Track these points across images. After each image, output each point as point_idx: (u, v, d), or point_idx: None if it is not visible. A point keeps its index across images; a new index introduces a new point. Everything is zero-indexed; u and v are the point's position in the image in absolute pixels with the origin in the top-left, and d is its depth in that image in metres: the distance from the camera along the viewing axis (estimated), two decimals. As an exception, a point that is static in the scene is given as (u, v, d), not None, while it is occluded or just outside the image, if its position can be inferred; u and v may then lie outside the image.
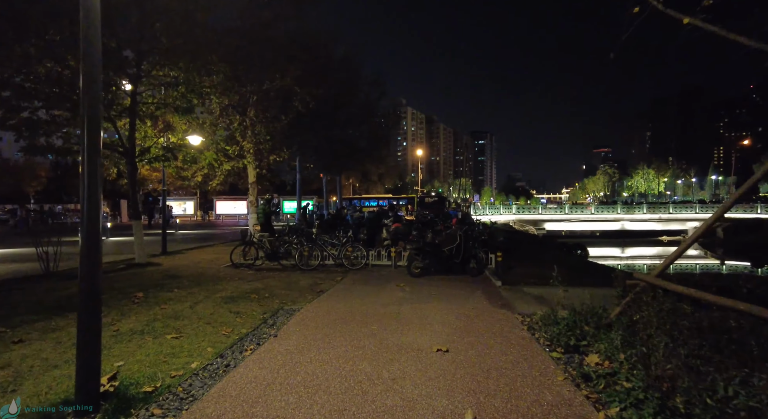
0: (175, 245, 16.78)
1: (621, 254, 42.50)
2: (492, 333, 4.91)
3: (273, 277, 9.39)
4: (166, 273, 9.42)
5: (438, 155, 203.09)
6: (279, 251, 11.37)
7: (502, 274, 10.32)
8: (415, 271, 9.82)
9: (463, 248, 9.99)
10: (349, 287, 8.09)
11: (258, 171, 17.02)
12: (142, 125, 11.43)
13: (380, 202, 45.11)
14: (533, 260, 14.06)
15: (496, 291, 8.17)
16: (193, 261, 11.94)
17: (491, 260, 11.25)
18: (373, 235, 14.11)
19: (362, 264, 11.09)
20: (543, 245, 22.07)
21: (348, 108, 26.91)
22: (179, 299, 6.55)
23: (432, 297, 7.12)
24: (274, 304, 6.42)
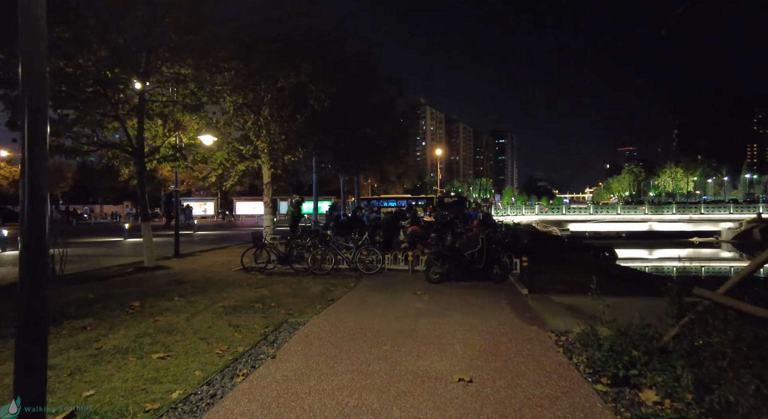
0: (190, 247, 16.54)
1: (649, 256, 40.84)
2: (522, 356, 4.24)
3: (283, 282, 8.89)
4: (172, 278, 9.01)
5: (457, 154, 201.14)
6: (291, 254, 10.88)
7: (528, 280, 9.59)
8: (433, 277, 9.18)
9: (485, 253, 9.29)
10: (362, 296, 7.51)
11: (273, 171, 16.62)
12: (152, 124, 11.10)
13: (399, 202, 44.50)
14: (560, 264, 13.23)
15: (523, 301, 7.47)
16: (203, 265, 11.56)
17: (516, 265, 10.54)
18: (389, 237, 13.52)
19: (378, 269, 10.50)
20: (569, 248, 21.10)
21: (365, 107, 26.38)
22: (178, 309, 6.08)
23: (452, 309, 6.47)
24: (278, 316, 5.88)
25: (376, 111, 27.57)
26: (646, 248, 43.90)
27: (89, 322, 5.24)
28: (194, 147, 11.02)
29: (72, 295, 6.93)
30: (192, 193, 56.30)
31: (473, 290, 8.29)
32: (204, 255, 14.06)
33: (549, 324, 5.67)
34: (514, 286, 8.99)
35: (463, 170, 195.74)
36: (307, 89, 15.63)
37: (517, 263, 10.52)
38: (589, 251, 21.78)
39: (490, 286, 8.82)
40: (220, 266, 11.36)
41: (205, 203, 54.15)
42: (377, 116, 27.80)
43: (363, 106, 25.45)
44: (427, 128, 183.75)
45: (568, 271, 11.71)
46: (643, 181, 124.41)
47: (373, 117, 27.48)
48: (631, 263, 30.84)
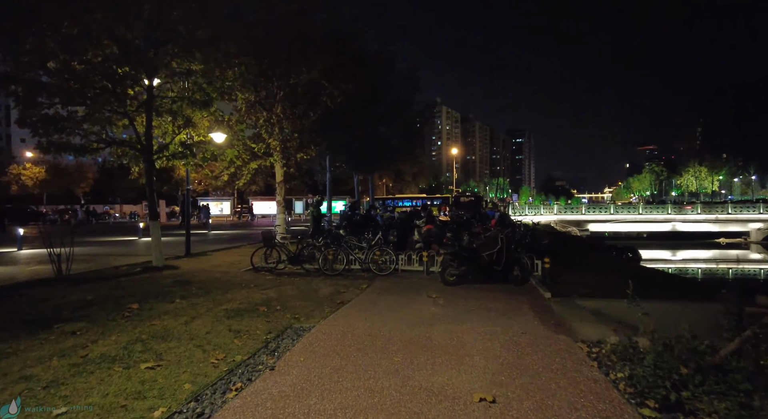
0: (203, 246, 16.35)
1: (673, 257, 39.50)
2: (551, 371, 3.75)
3: (292, 283, 8.52)
4: (177, 279, 8.72)
5: (474, 154, 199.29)
6: (302, 254, 10.52)
7: (551, 283, 9.05)
8: (449, 279, 8.70)
9: (505, 254, 8.76)
10: (374, 299, 7.08)
11: (285, 170, 16.33)
12: (162, 121, 10.86)
13: (414, 202, 43.98)
14: (582, 265, 12.59)
15: (546, 305, 6.95)
16: (213, 264, 11.29)
17: (537, 266, 9.99)
18: (403, 237, 13.05)
19: (391, 270, 10.06)
20: (590, 249, 20.34)
21: (380, 105, 25.98)
22: (177, 312, 5.74)
23: (470, 314, 5.99)
24: (283, 320, 5.49)
25: (391, 110, 27.16)
26: (669, 249, 42.51)
27: (81, 326, 4.93)
28: (203, 144, 10.73)
29: (72, 296, 6.67)
30: (209, 193, 56.58)
31: (492, 293, 7.79)
32: (215, 255, 13.82)
33: (578, 333, 5.15)
34: (535, 289, 8.46)
35: (480, 170, 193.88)
36: (320, 86, 15.30)
37: (538, 265, 9.98)
38: (612, 252, 20.97)
39: (509, 289, 8.30)
40: (229, 266, 11.07)
41: (221, 202, 54.37)
42: (392, 115, 27.38)
43: (378, 104, 25.07)
44: (442, 128, 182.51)
45: (592, 273, 11.09)
46: (665, 180, 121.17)
47: (388, 116, 27.08)
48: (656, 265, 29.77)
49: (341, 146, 23.57)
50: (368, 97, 22.80)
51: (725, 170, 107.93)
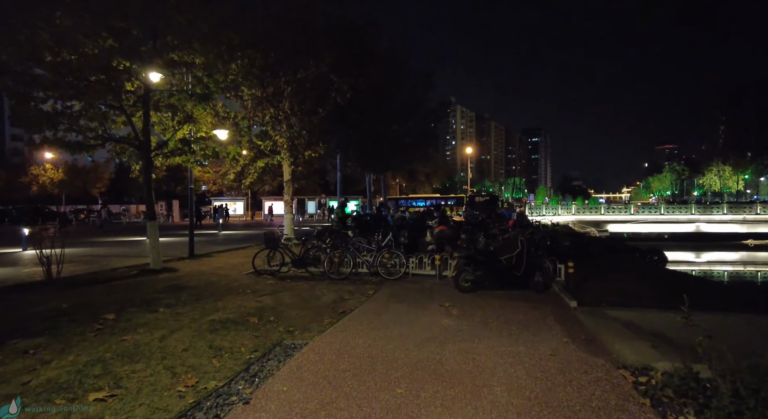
0: (210, 247, 15.88)
1: (697, 259, 37.95)
2: (591, 409, 3.00)
3: (293, 289, 7.88)
4: (171, 283, 8.16)
5: (488, 153, 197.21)
6: (307, 256, 9.89)
7: (575, 290, 8.25)
8: (464, 285, 7.96)
9: (525, 258, 7.99)
10: (380, 308, 6.39)
11: (293, 168, 15.77)
12: (162, 116, 10.35)
13: (428, 202, 43.15)
14: (607, 269, 11.68)
15: (573, 317, 6.18)
16: (214, 267, 10.74)
17: (559, 271, 9.19)
18: (415, 238, 12.33)
19: (401, 274, 9.37)
20: (612, 251, 19.33)
21: (392, 102, 25.29)
22: (157, 324, 5.13)
23: (488, 328, 5.26)
24: (274, 334, 4.84)
25: (403, 107, 26.44)
26: (692, 251, 40.87)
27: (40, 342, 4.35)
28: (203, 140, 10.18)
29: (49, 303, 6.13)
30: (224, 193, 56.48)
31: (511, 301, 7.04)
32: (220, 256, 13.31)
33: (615, 353, 4.39)
34: (559, 297, 7.68)
35: (495, 170, 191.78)
36: (328, 81, 14.68)
37: (560, 270, 9.18)
38: (635, 254, 19.92)
39: (530, 297, 7.54)
40: (231, 268, 10.51)
41: (235, 202, 54.27)
42: (405, 113, 26.65)
43: (390, 101, 24.38)
44: (457, 127, 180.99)
45: (619, 278, 10.22)
46: (687, 180, 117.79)
47: (401, 113, 26.35)
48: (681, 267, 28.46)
49: (352, 144, 22.97)
50: (380, 94, 22.16)
51: (751, 169, 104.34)
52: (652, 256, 20.01)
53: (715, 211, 44.76)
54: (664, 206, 48.54)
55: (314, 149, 15.38)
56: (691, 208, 45.90)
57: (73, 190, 59.11)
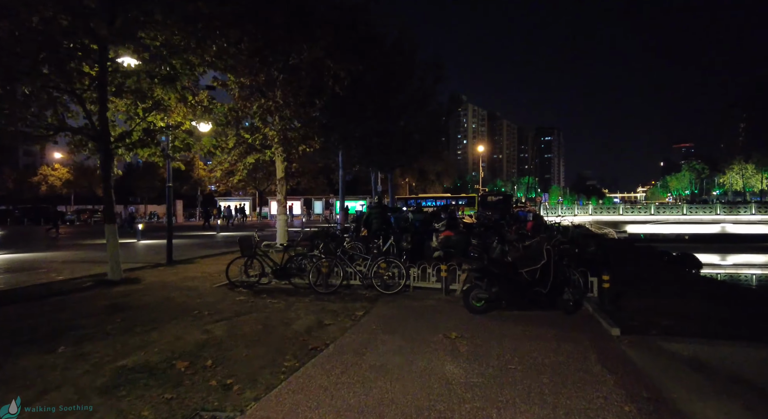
0: (198, 251, 14.56)
1: (723, 262, 35.73)
2: None
3: (262, 309, 6.41)
4: (116, 301, 6.75)
5: (500, 152, 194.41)
6: (290, 266, 8.42)
7: (613, 309, 6.69)
8: (476, 305, 6.42)
9: (553, 271, 6.42)
10: (365, 342, 4.89)
11: (286, 165, 14.34)
12: (127, 102, 8.96)
13: (438, 202, 41.43)
14: (643, 280, 10.01)
15: (621, 354, 4.64)
16: (186, 276, 9.35)
17: (591, 284, 7.60)
18: (420, 243, 10.79)
19: (400, 287, 7.84)
20: (639, 255, 17.56)
21: (399, 95, 23.74)
22: (33, 376, 3.61)
23: (510, 380, 3.74)
24: (199, 393, 3.34)
25: (411, 101, 24.87)
26: (718, 253, 38.57)
27: None
28: (170, 130, 8.75)
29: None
30: (231, 193, 55.41)
31: (537, 327, 5.51)
32: (202, 262, 11.94)
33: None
34: (594, 320, 6.13)
35: (507, 169, 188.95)
36: (324, 67, 13.20)
37: (592, 284, 7.59)
38: (665, 259, 18.12)
39: (559, 320, 6.01)
40: (204, 279, 9.10)
41: (240, 202, 53.21)
42: (413, 107, 25.08)
43: (396, 94, 22.84)
44: (468, 126, 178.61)
45: (660, 292, 8.58)
46: (706, 179, 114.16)
47: (408, 108, 24.79)
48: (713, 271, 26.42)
49: (355, 139, 21.45)
50: (385, 85, 20.65)
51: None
52: (683, 261, 18.17)
53: (742, 211, 42.34)
54: (687, 205, 46.21)
55: (309, 143, 13.91)
56: (716, 208, 43.54)
57: (79, 189, 58.77)
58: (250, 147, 14.28)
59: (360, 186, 55.25)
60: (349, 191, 53.94)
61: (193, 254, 13.62)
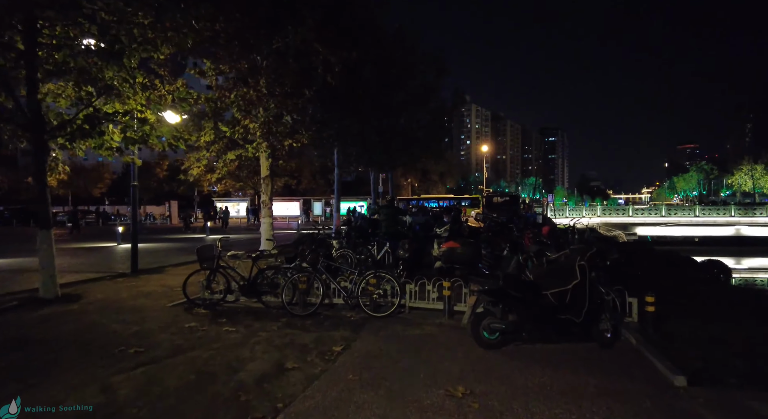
0: (174, 257, 13.12)
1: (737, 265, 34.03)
2: None
3: (209, 345, 4.94)
4: (24, 332, 5.30)
5: (504, 153, 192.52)
6: (260, 281, 6.97)
7: (659, 338, 5.25)
8: (488, 339, 4.95)
9: (588, 294, 4.93)
10: (337, 401, 3.44)
11: (271, 161, 12.89)
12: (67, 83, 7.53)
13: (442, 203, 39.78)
14: (677, 293, 8.45)
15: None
16: (141, 292, 7.91)
17: (629, 306, 6.13)
18: (419, 252, 9.32)
19: (393, 308, 6.37)
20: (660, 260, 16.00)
21: (399, 89, 22.26)
22: None
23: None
24: None
25: (412, 97, 23.40)
26: (733, 256, 36.82)
27: None
28: (116, 116, 7.24)
29: None
30: (231, 194, 53.99)
31: (571, 375, 4.04)
32: (172, 271, 10.53)
33: None
34: (642, 358, 4.69)
35: (511, 169, 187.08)
36: (313, 52, 11.77)
37: (630, 305, 6.12)
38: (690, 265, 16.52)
39: (597, 358, 4.58)
40: (162, 295, 7.67)
41: (237, 203, 51.81)
42: (414, 103, 23.60)
43: (396, 88, 21.38)
44: (471, 126, 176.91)
45: (704, 311, 7.04)
46: (714, 180, 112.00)
47: (410, 104, 23.32)
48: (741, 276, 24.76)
49: (353, 136, 19.97)
50: (384, 78, 19.20)
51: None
52: (711, 268, 16.55)
53: (758, 212, 40.60)
54: (699, 207, 44.49)
55: (297, 138, 12.47)
56: (730, 209, 41.83)
57: (75, 190, 57.56)
58: (232, 142, 12.86)
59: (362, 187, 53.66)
60: (351, 191, 52.48)
61: (166, 261, 12.20)
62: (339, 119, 17.31)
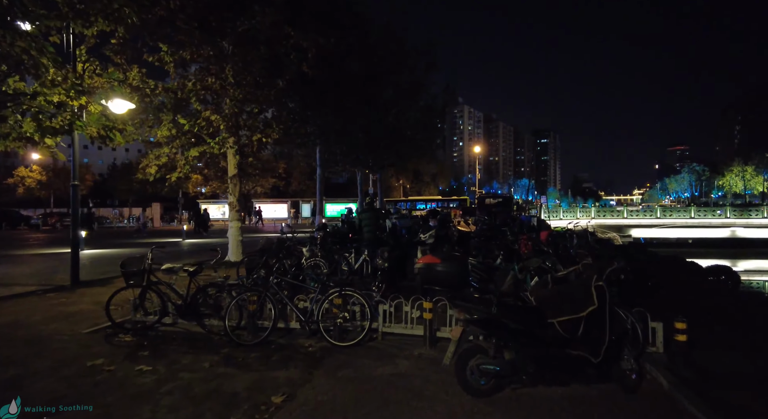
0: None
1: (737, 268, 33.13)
2: None
3: (101, 396, 3.68)
4: None
5: (497, 155, 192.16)
6: (202, 301, 5.70)
7: (694, 377, 4.09)
8: (479, 386, 3.74)
9: (608, 325, 3.72)
10: None
11: (239, 159, 11.61)
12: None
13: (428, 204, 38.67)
14: (697, 308, 7.28)
15: None
16: (61, 312, 6.63)
17: (651, 332, 4.96)
18: (401, 261, 8.10)
19: (363, 334, 5.14)
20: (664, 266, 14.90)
21: (388, 86, 21.11)
22: None
23: None
24: None
25: (401, 93, 22.24)
26: (730, 259, 35.98)
27: None
28: (21, 98, 5.90)
29: None
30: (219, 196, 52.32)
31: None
32: (118, 283, 9.09)
33: None
34: (675, 405, 3.49)
35: (503, 171, 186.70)
36: (284, 35, 10.53)
37: (654, 331, 4.94)
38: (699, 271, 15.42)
39: (617, 407, 3.40)
40: (87, 316, 6.39)
41: (223, 205, 50.22)
42: (403, 98, 22.44)
43: (383, 83, 20.22)
44: (464, 128, 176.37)
45: (738, 332, 5.89)
46: (705, 181, 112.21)
47: (399, 101, 22.16)
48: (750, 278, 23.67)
49: (336, 133, 18.74)
50: (371, 71, 18.03)
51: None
52: (718, 275, 15.46)
53: (753, 214, 39.90)
54: (695, 208, 43.76)
55: (267, 132, 11.20)
56: (726, 211, 41.10)
57: (57, 192, 55.64)
58: (197, 138, 11.56)
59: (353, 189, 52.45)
60: (341, 193, 51.13)
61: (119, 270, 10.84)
62: (321, 114, 16.09)
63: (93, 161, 72.90)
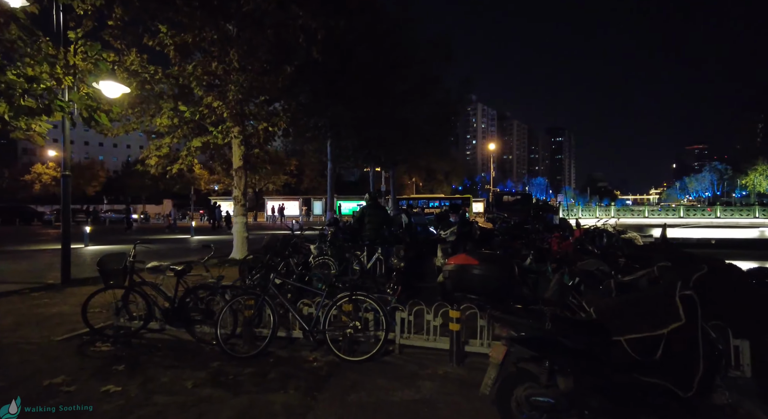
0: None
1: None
2: None
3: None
4: None
5: (511, 153, 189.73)
6: (193, 305, 4.94)
7: None
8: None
9: (702, 347, 2.84)
10: None
11: (243, 150, 10.89)
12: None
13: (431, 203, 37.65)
14: (758, 317, 6.33)
15: None
16: (40, 314, 5.95)
17: (735, 351, 4.07)
18: (418, 260, 7.26)
19: (377, 347, 4.33)
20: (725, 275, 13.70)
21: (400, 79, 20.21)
22: None
23: None
24: None
25: (414, 85, 21.34)
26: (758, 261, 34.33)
27: None
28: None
29: None
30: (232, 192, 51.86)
31: None
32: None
33: None
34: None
35: (517, 170, 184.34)
36: (291, 16, 9.76)
37: (738, 351, 4.05)
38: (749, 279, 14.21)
39: None
40: (64, 320, 5.68)
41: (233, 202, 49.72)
42: (418, 92, 21.52)
43: (396, 74, 19.34)
44: (477, 126, 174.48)
45: None
46: (728, 180, 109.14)
47: (413, 94, 21.25)
48: None
49: (346, 126, 17.94)
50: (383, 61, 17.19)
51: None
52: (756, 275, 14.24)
53: (786, 213, 38.12)
54: (720, 208, 42.03)
55: (274, 121, 10.44)
56: (754, 210, 39.33)
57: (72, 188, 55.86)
58: (201, 128, 10.86)
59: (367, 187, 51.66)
60: (353, 191, 50.42)
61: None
62: (330, 104, 15.30)
63: (107, 159, 73.41)
